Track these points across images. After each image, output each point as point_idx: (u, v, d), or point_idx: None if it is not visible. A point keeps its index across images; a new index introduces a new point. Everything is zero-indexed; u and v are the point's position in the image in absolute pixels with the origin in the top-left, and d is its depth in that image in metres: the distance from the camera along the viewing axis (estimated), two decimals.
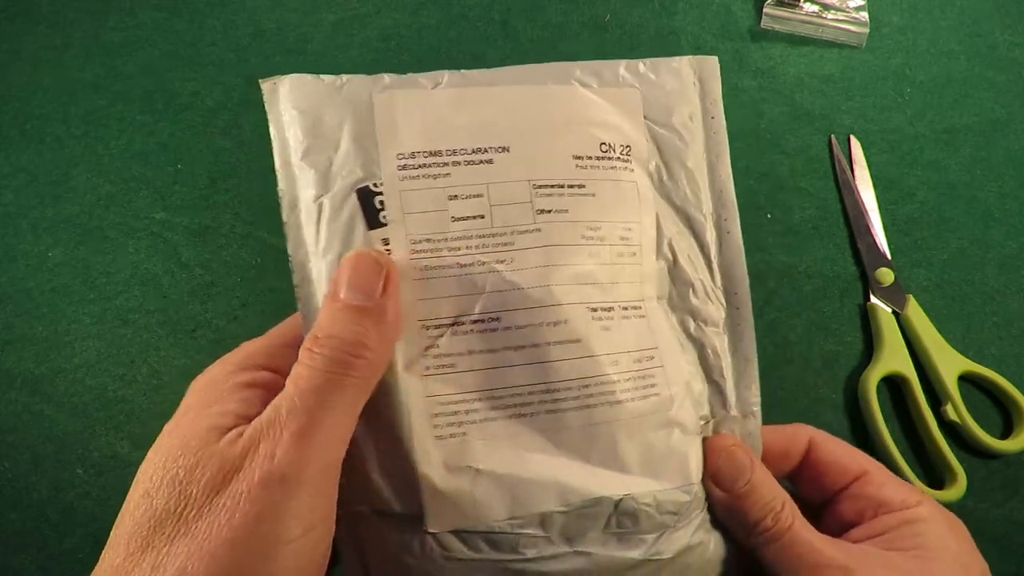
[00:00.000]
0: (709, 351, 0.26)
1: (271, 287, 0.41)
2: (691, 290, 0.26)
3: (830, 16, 0.49)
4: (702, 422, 0.25)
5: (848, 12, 0.49)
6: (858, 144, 0.46)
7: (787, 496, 0.24)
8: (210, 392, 0.22)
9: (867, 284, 0.42)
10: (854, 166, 0.45)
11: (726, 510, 0.24)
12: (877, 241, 0.43)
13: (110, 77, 0.47)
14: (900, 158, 0.46)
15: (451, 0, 0.51)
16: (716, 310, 0.26)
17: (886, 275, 0.42)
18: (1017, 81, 0.49)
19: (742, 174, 0.46)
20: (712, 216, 0.26)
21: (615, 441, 0.23)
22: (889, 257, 0.42)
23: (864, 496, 0.25)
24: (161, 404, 0.38)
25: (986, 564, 0.24)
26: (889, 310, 0.41)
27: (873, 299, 0.41)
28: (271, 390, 0.22)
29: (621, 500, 0.23)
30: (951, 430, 0.38)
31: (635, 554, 0.23)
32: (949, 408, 0.38)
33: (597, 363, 0.23)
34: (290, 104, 0.24)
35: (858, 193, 0.44)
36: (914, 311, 0.40)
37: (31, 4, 0.49)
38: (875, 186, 0.45)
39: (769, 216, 0.44)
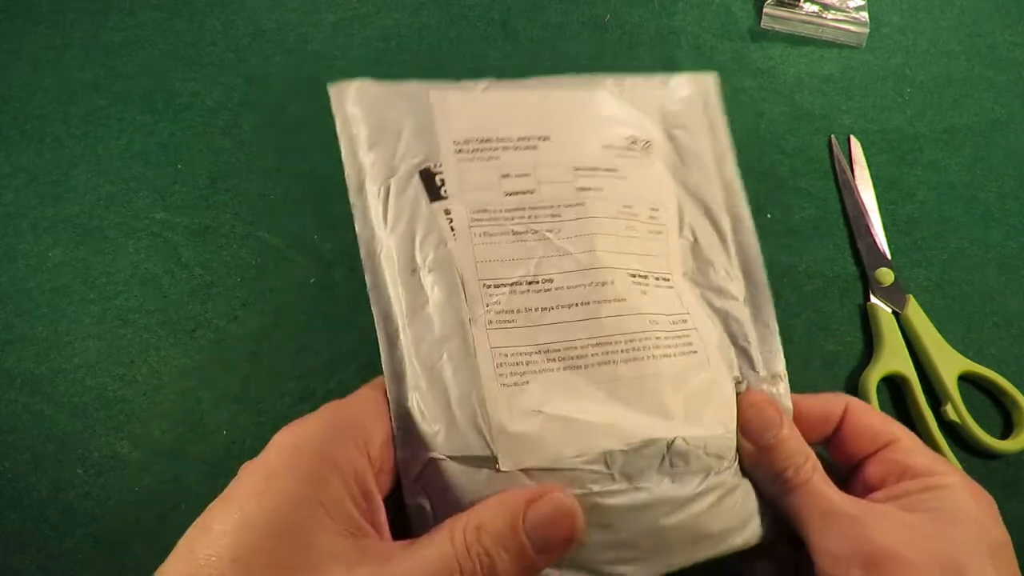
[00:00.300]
0: (733, 321, 0.28)
1: (271, 287, 0.41)
2: (711, 267, 0.29)
3: (830, 16, 0.49)
4: (735, 382, 0.27)
5: (848, 12, 0.49)
6: (858, 144, 0.46)
7: (812, 454, 0.26)
8: (304, 464, 0.21)
9: (867, 284, 0.42)
10: (854, 166, 0.45)
11: (753, 461, 0.26)
12: (877, 241, 0.43)
13: (110, 77, 0.47)
14: (900, 158, 0.46)
15: (451, 0, 0.51)
16: (736, 286, 0.29)
17: (886, 275, 0.42)
18: (1017, 81, 0.49)
19: (742, 174, 0.45)
20: (725, 203, 0.30)
21: (662, 391, 0.25)
22: (889, 257, 0.42)
23: (891, 461, 0.26)
24: (161, 404, 0.38)
25: (1008, 536, 0.24)
26: (889, 310, 0.41)
27: (873, 299, 0.41)
28: (358, 484, 0.22)
29: (673, 441, 0.25)
30: (951, 430, 0.38)
31: (687, 491, 0.25)
32: (949, 408, 0.37)
33: (641, 321, 0.26)
34: (356, 104, 0.28)
35: (858, 193, 0.44)
36: (914, 311, 0.40)
37: (31, 4, 0.49)
38: (875, 186, 0.45)
39: (769, 216, 0.44)
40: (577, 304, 0.25)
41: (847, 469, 0.28)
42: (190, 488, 0.36)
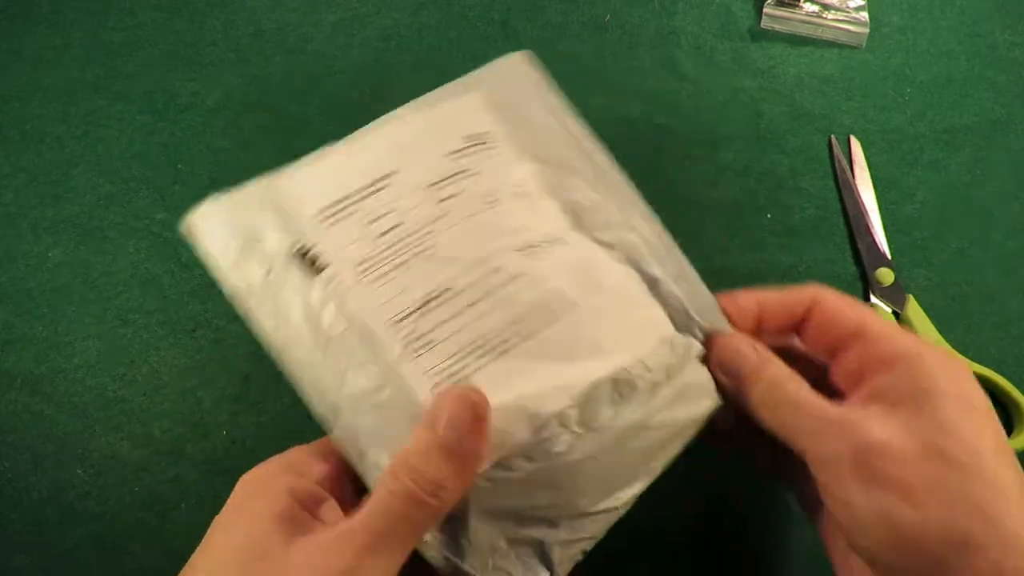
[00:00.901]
0: (626, 245, 0.30)
1: None
2: (590, 212, 0.30)
3: (830, 16, 0.49)
4: (649, 293, 0.29)
5: (848, 12, 0.49)
6: (858, 144, 0.46)
7: (796, 374, 0.27)
8: (257, 489, 0.25)
9: (867, 284, 0.42)
10: (854, 166, 0.45)
11: (737, 394, 0.27)
12: (877, 241, 0.43)
13: (110, 77, 0.47)
14: (900, 158, 0.46)
15: (451, 0, 0.51)
16: (616, 216, 0.30)
17: (886, 275, 0.42)
18: (1017, 81, 0.49)
19: (742, 174, 0.46)
20: (579, 152, 0.31)
21: (589, 335, 0.27)
22: (889, 257, 0.43)
23: (863, 353, 0.26)
24: (161, 404, 0.38)
25: (988, 401, 0.25)
26: (889, 310, 0.41)
27: (873, 299, 0.41)
28: (308, 498, 0.25)
29: (615, 375, 0.26)
30: None
31: (643, 411, 0.26)
32: None
33: (545, 284, 0.27)
34: (209, 230, 0.29)
35: (858, 193, 0.44)
36: (914, 311, 0.40)
37: (31, 4, 0.49)
38: (875, 186, 0.45)
39: (769, 216, 0.44)
40: (481, 299, 0.27)
41: (824, 365, 0.28)
42: (190, 488, 0.36)
